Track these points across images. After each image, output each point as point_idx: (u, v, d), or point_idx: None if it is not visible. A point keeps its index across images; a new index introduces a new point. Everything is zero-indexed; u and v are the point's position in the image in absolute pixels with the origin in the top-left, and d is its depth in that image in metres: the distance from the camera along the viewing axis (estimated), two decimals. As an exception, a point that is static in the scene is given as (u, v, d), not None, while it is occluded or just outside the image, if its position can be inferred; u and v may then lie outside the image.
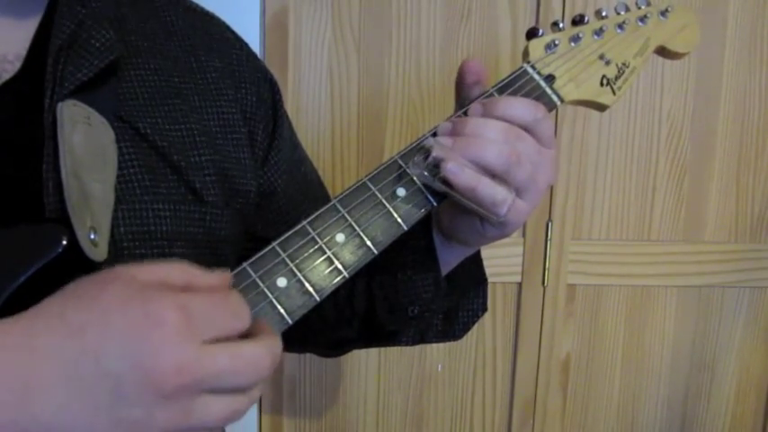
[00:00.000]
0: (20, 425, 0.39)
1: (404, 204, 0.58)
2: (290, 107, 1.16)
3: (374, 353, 1.28)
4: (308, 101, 1.20)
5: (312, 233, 0.55)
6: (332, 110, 1.20)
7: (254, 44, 0.81)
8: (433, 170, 0.57)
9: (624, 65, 0.68)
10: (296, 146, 0.76)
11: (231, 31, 0.72)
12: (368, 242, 0.56)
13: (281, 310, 0.52)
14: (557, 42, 0.65)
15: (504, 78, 0.64)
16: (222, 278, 0.45)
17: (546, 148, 0.60)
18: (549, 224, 1.25)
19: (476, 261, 0.73)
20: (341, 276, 0.55)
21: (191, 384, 0.40)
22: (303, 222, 0.55)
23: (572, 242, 1.26)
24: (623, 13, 0.69)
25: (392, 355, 1.28)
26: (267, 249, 0.53)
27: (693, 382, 1.34)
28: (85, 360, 0.40)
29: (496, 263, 1.23)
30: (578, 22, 0.67)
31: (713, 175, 1.27)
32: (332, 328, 0.74)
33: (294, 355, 1.26)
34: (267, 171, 0.70)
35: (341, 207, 0.56)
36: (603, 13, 0.67)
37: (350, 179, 1.22)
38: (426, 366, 1.29)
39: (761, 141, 1.26)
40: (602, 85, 0.67)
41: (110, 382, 0.39)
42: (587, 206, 1.26)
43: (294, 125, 0.77)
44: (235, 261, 0.55)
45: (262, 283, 0.52)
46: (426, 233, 0.68)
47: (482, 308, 0.75)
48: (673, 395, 1.35)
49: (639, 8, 0.70)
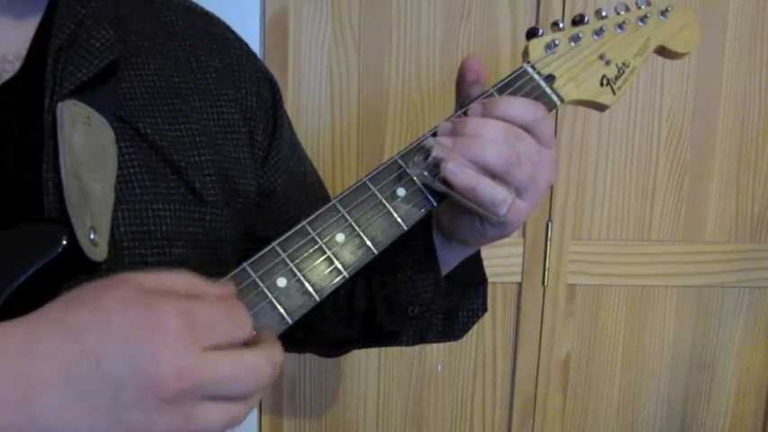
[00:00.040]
0: (19, 426, 0.39)
1: (404, 204, 0.58)
2: (290, 107, 1.16)
3: (374, 353, 1.28)
4: (308, 101, 1.20)
5: (312, 233, 0.55)
6: (332, 110, 1.20)
7: (254, 44, 0.81)
8: (433, 170, 0.57)
9: (624, 65, 0.68)
10: (296, 146, 0.76)
11: (231, 31, 0.72)
12: (368, 242, 0.56)
13: (280, 310, 0.52)
14: (557, 42, 0.65)
15: (504, 78, 0.64)
16: (227, 289, 0.46)
17: (546, 148, 0.60)
18: (549, 224, 1.25)
19: (476, 261, 0.73)
20: (341, 276, 0.55)
21: (191, 390, 0.40)
22: (303, 222, 0.55)
23: (572, 242, 1.26)
24: (623, 12, 0.69)
25: (392, 355, 1.28)
26: (267, 249, 0.53)
27: (693, 382, 1.34)
28: (86, 362, 0.39)
29: (496, 263, 1.23)
30: (578, 22, 0.67)
31: (713, 175, 1.27)
32: (332, 328, 0.74)
33: (294, 355, 1.26)
34: (267, 171, 0.70)
35: (341, 207, 0.56)
36: (603, 13, 0.67)
37: (350, 179, 1.22)
38: (426, 366, 1.29)
39: (761, 141, 1.26)
40: (602, 84, 0.67)
41: (110, 384, 0.39)
42: (587, 206, 1.26)
43: (294, 125, 0.77)
44: (235, 261, 0.55)
45: (262, 283, 0.52)
46: (426, 233, 0.68)
47: (482, 308, 0.75)
48: (673, 395, 1.34)
49: (639, 8, 0.70)
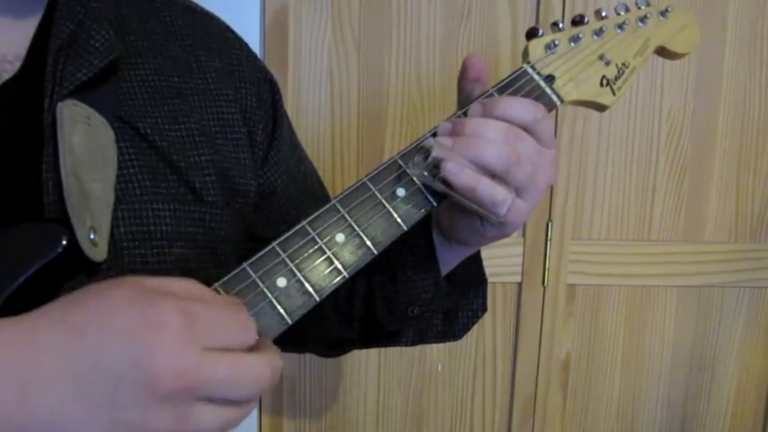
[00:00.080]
0: (18, 421, 0.39)
1: (404, 204, 0.58)
2: (290, 107, 1.16)
3: (374, 353, 1.28)
4: (308, 101, 1.20)
5: (312, 233, 0.55)
6: (332, 110, 1.20)
7: (254, 44, 0.81)
8: (433, 170, 0.57)
9: (624, 65, 0.68)
10: (296, 146, 0.76)
11: (231, 31, 0.72)
12: (368, 242, 0.56)
13: (280, 311, 0.52)
14: (556, 42, 0.65)
15: (504, 78, 0.64)
16: (233, 298, 0.46)
17: (546, 148, 0.60)
18: (549, 224, 1.25)
19: (476, 261, 0.73)
20: (341, 276, 0.55)
21: (189, 389, 0.40)
22: (303, 222, 0.55)
23: (572, 242, 1.26)
24: (623, 13, 0.69)
25: (392, 355, 1.28)
26: (267, 249, 0.53)
27: (693, 382, 1.34)
28: (85, 358, 0.40)
29: (496, 263, 1.23)
30: (578, 22, 0.67)
31: (713, 175, 1.27)
32: (331, 328, 0.74)
33: (294, 355, 1.26)
34: (267, 171, 0.70)
35: (341, 207, 0.56)
36: (603, 14, 0.67)
37: (350, 179, 1.22)
38: (426, 366, 1.29)
39: (761, 141, 1.26)
40: (601, 85, 0.67)
41: (109, 381, 0.39)
42: (587, 206, 1.26)
43: (294, 125, 0.77)
44: (234, 261, 0.55)
45: (261, 284, 0.52)
46: (426, 233, 0.68)
47: (482, 308, 0.75)
48: (673, 395, 1.35)
49: (639, 8, 0.70)
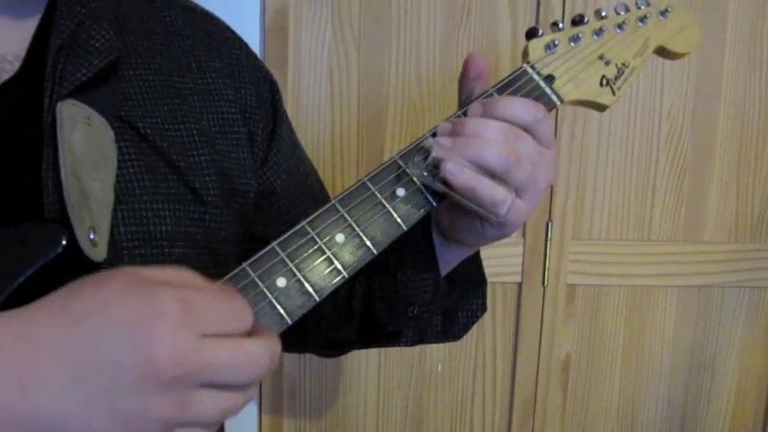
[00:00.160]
0: (18, 412, 0.40)
1: (403, 204, 0.58)
2: (290, 107, 1.16)
3: (374, 353, 1.28)
4: (308, 101, 1.20)
5: (311, 233, 0.55)
6: (332, 110, 1.20)
7: (254, 44, 0.81)
8: (433, 170, 0.57)
9: (624, 65, 0.68)
10: (296, 146, 0.76)
11: (231, 31, 0.72)
12: (367, 242, 0.56)
13: (280, 311, 0.52)
14: (556, 42, 0.65)
15: (504, 78, 0.64)
16: (226, 286, 0.46)
17: (546, 148, 0.60)
18: (549, 224, 1.25)
19: (475, 261, 0.73)
20: (340, 276, 0.55)
21: (189, 375, 0.40)
22: (303, 222, 0.55)
23: (572, 242, 1.26)
24: (623, 13, 0.69)
25: (392, 356, 1.28)
26: (266, 249, 0.53)
27: (693, 381, 1.34)
28: (84, 350, 0.40)
29: (496, 263, 1.23)
30: (578, 22, 0.67)
31: (713, 175, 1.27)
32: (331, 328, 0.74)
33: (294, 355, 1.26)
34: (267, 171, 0.70)
35: (340, 207, 0.56)
36: (603, 14, 0.67)
37: (350, 179, 1.22)
38: (426, 366, 1.29)
39: (761, 141, 1.26)
40: (601, 85, 0.67)
41: (107, 370, 0.40)
42: (587, 206, 1.26)
43: (294, 125, 0.77)
44: (234, 261, 0.55)
45: (261, 283, 0.52)
46: (426, 233, 0.68)
47: (481, 308, 0.75)
48: (673, 395, 1.34)
49: (639, 8, 0.70)
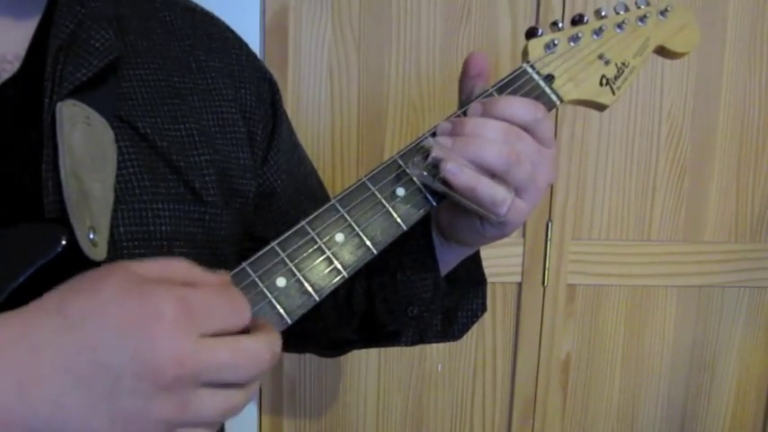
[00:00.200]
0: (19, 416, 0.40)
1: (403, 204, 0.58)
2: (290, 107, 1.16)
3: (374, 353, 1.28)
4: (308, 101, 1.20)
5: (311, 233, 0.55)
6: (332, 110, 1.20)
7: (254, 44, 0.81)
8: (433, 170, 0.57)
9: (623, 64, 0.68)
10: (295, 146, 0.76)
11: (231, 31, 0.72)
12: (367, 242, 0.56)
13: (280, 310, 0.52)
14: (556, 42, 0.65)
15: (504, 78, 0.64)
16: (223, 276, 0.46)
17: (546, 147, 0.60)
18: (549, 224, 1.25)
19: (475, 261, 0.73)
20: (340, 276, 0.55)
21: (189, 376, 0.40)
22: (302, 222, 0.55)
23: (572, 242, 1.26)
24: (623, 12, 0.69)
25: (392, 355, 1.28)
26: (266, 249, 0.53)
27: (693, 382, 1.34)
28: (83, 353, 0.40)
29: (496, 263, 1.23)
30: (578, 21, 0.67)
31: (713, 175, 1.27)
32: (331, 328, 0.74)
33: (294, 355, 1.26)
34: (267, 171, 0.70)
35: (340, 207, 0.56)
36: (603, 13, 0.67)
37: (350, 179, 1.22)
38: (426, 366, 1.29)
39: (761, 141, 1.26)
40: (601, 84, 0.67)
41: (108, 374, 0.39)
42: (587, 206, 1.26)
43: (294, 125, 0.77)
44: (234, 261, 0.55)
45: (261, 283, 0.52)
46: (426, 233, 0.68)
47: (481, 308, 0.75)
48: (673, 395, 1.34)
49: (639, 8, 0.70)
